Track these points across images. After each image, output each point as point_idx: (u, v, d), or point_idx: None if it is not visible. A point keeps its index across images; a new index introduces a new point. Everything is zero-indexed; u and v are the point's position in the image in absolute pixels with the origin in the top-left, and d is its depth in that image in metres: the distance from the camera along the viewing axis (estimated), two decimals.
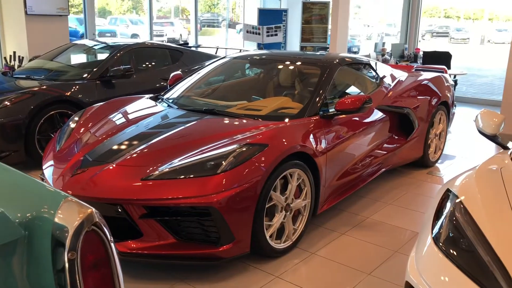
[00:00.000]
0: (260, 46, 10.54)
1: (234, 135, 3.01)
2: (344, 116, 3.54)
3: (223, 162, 2.71)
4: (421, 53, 9.48)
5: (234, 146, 2.83)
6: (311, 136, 3.23)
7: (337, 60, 4.02)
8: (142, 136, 3.12)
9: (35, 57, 6.19)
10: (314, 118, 3.40)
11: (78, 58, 6.01)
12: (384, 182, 4.58)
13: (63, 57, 5.88)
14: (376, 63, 4.74)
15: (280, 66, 4.27)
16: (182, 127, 3.18)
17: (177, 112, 3.53)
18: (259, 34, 10.32)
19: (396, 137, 4.42)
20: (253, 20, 10.69)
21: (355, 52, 19.71)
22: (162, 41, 8.60)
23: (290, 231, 3.11)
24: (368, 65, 4.49)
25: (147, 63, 5.88)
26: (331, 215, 3.74)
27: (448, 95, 5.19)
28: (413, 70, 5.70)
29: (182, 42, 8.34)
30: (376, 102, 4.13)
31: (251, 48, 10.82)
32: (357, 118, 3.78)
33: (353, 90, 4.31)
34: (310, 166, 3.19)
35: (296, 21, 10.93)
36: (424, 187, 4.53)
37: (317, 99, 3.54)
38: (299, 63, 4.13)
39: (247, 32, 10.33)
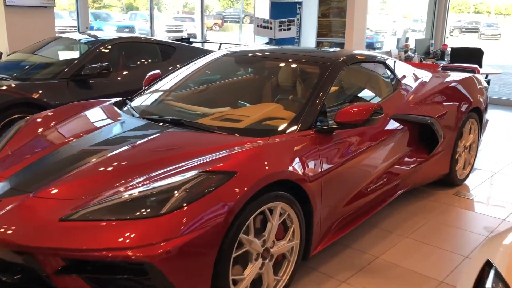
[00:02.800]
0: (271, 42, 9.76)
1: (195, 157, 2.27)
2: (347, 129, 2.77)
3: (171, 197, 1.98)
4: (448, 49, 8.56)
5: (190, 174, 2.10)
6: (302, 157, 2.47)
7: (343, 58, 3.24)
8: (79, 156, 2.41)
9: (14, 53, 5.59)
10: (308, 133, 2.63)
11: (58, 54, 5.37)
12: (400, 206, 3.78)
13: (42, 53, 5.24)
14: (394, 62, 3.94)
15: (275, 65, 3.51)
16: (133, 145, 2.46)
17: (136, 123, 2.81)
18: (270, 28, 9.54)
19: (416, 152, 3.61)
20: (264, 13, 9.93)
21: (377, 49, 18.74)
22: (182, 37, 7.89)
23: (271, 283, 2.37)
24: (383, 64, 3.69)
25: (132, 60, 5.19)
26: (329, 254, 2.97)
27: (481, 100, 4.34)
28: (439, 69, 4.86)
29: (182, 37, 7.64)
30: (392, 110, 3.33)
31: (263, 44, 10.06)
32: (365, 131, 3.00)
33: (363, 95, 3.51)
34: (300, 195, 2.44)
35: (312, 15, 10.08)
36: (451, 213, 3.71)
37: (312, 108, 2.77)
38: (297, 61, 3.35)
39: (258, 26, 9.56)
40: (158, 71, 3.90)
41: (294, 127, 2.65)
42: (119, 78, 4.84)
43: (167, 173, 2.13)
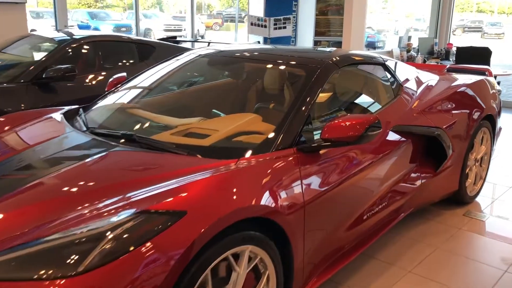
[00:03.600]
0: (266, 41, 9.25)
1: (137, 188, 1.76)
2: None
3: (94, 249, 1.47)
4: (454, 49, 8.04)
5: (125, 214, 1.59)
6: (279, 183, 1.96)
7: (334, 60, 2.72)
8: None
9: None
10: (288, 152, 2.12)
11: (25, 53, 4.86)
12: (401, 231, 3.26)
13: (7, 52, 4.74)
14: (396, 63, 3.42)
15: (255, 68, 3.00)
16: (63, 170, 1.94)
17: (78, 139, 2.29)
18: (265, 26, 9.03)
19: (421, 168, 3.10)
20: (259, 11, 9.42)
21: (379, 48, 18.18)
22: (181, 36, 7.40)
23: None
24: (382, 66, 3.17)
25: (104, 61, 4.68)
26: None
27: (494, 106, 3.82)
28: (445, 71, 4.34)
29: (167, 37, 7.13)
30: (392, 120, 2.82)
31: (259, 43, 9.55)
32: (360, 148, 2.49)
33: (358, 103, 2.99)
34: (276, 231, 1.94)
35: (309, 12, 9.57)
36: (461, 239, 3.20)
37: (295, 120, 2.26)
38: (281, 63, 2.83)
39: (252, 24, 9.05)
40: (124, 74, 3.39)
41: (272, 145, 2.14)
42: (87, 82, 4.33)
43: (95, 212, 1.62)
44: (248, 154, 2.06)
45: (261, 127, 2.39)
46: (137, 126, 2.52)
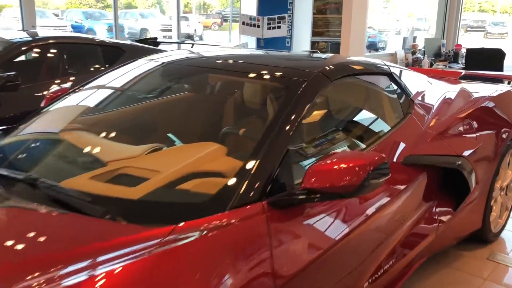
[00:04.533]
0: (259, 42, 8.57)
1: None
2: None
3: None
4: (463, 50, 7.37)
5: None
6: (235, 263, 1.29)
7: (326, 70, 2.04)
8: None
9: None
10: (254, 210, 1.45)
11: None
12: (413, 282, 2.58)
13: None
14: (404, 72, 2.75)
15: (224, 82, 2.31)
16: None
17: None
18: (258, 26, 8.35)
19: (437, 207, 2.42)
20: (251, 9, 8.75)
21: (380, 49, 17.50)
22: (148, 37, 6.77)
23: None
24: (388, 76, 2.49)
25: (60, 67, 4.00)
26: None
27: None
28: (459, 78, 3.67)
29: (148, 37, 6.47)
30: (403, 150, 2.15)
31: (251, 44, 8.87)
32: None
33: (357, 127, 2.31)
34: None
35: (305, 11, 8.89)
36: None
37: (266, 156, 1.59)
38: (257, 75, 2.14)
39: (244, 24, 8.37)
40: (67, 85, 2.72)
41: (230, 198, 1.46)
42: (34, 92, 3.65)
43: None
44: (192, 215, 1.38)
45: (222, 165, 1.72)
46: (54, 162, 1.85)
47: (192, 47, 6.02)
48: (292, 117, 1.76)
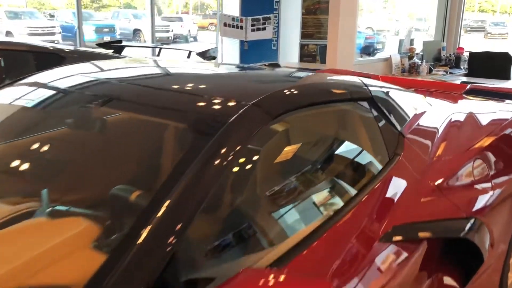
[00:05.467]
0: (243, 44, 7.86)
1: None
2: None
3: None
4: (465, 54, 6.65)
5: None
6: None
7: (267, 102, 1.31)
8: None
9: None
10: None
11: None
12: None
13: None
14: (387, 94, 2.02)
15: (111, 121, 1.56)
16: None
17: None
18: (241, 28, 7.64)
19: (439, 286, 1.70)
20: (234, 9, 8.03)
21: (377, 50, 16.77)
22: (168, 38, 6.06)
23: None
24: (370, 103, 1.75)
25: None
26: None
27: None
28: (463, 93, 2.95)
29: (110, 41, 5.76)
30: (388, 217, 1.43)
31: (232, 47, 8.16)
32: None
33: (318, 192, 1.54)
34: None
35: (294, 11, 8.18)
36: None
37: (156, 245, 0.89)
38: (167, 108, 1.37)
39: (225, 25, 7.65)
40: None
41: None
42: None
43: None
44: None
45: (79, 261, 1.00)
46: None
47: (159, 51, 5.31)
48: (198, 180, 1.05)
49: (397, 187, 1.52)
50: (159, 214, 0.99)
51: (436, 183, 1.66)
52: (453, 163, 1.82)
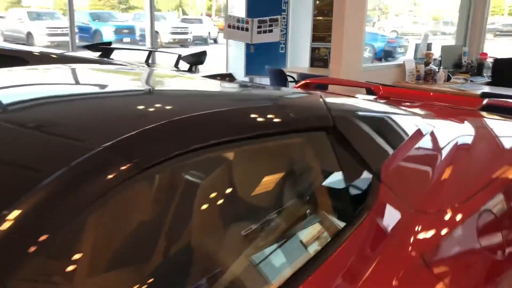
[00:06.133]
0: (249, 48, 7.40)
1: None
2: None
3: None
4: (489, 60, 6.02)
5: None
6: None
7: (128, 144, 0.83)
8: None
9: None
10: None
11: None
12: None
13: None
14: (364, 118, 1.51)
15: None
16: None
17: None
18: (247, 30, 7.18)
19: None
20: (240, 9, 7.58)
21: (399, 55, 16.06)
22: (187, 40, 5.78)
23: None
24: (331, 134, 1.25)
25: None
26: None
27: None
28: (479, 108, 2.40)
29: (101, 43, 5.38)
30: None
31: (238, 51, 7.70)
32: None
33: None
34: None
35: (304, 12, 7.68)
36: None
37: None
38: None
39: (229, 27, 7.20)
40: None
41: None
42: None
43: None
44: None
45: None
46: None
47: (149, 54, 4.90)
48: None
49: (355, 266, 1.02)
50: None
51: (423, 256, 1.14)
52: (454, 217, 1.30)
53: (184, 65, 3.93)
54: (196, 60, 3.96)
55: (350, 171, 1.21)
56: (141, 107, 1.05)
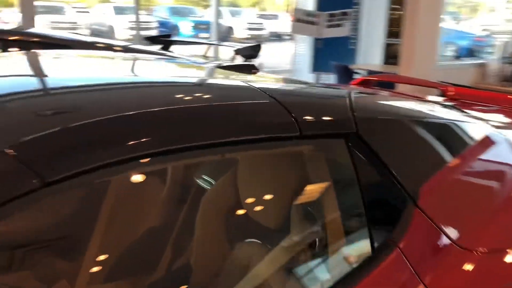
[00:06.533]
0: (317, 42, 7.08)
1: None
2: None
3: None
4: None
5: None
6: None
7: (38, 151, 0.63)
8: None
9: None
10: None
11: None
12: None
13: None
14: (403, 123, 1.22)
15: None
16: None
17: None
18: (315, 23, 6.85)
19: None
20: (310, 3, 7.25)
21: (485, 55, 14.85)
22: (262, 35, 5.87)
23: None
24: (352, 145, 0.98)
25: None
26: None
27: None
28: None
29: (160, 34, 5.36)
30: None
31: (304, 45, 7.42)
32: None
33: None
34: None
35: (378, 5, 7.21)
36: None
37: None
38: None
39: (298, 21, 6.91)
40: None
41: None
42: None
43: None
44: None
45: None
46: None
47: (209, 47, 4.79)
48: None
49: None
50: None
51: None
52: None
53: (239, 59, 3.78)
54: (250, 53, 3.78)
55: (373, 191, 0.93)
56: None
